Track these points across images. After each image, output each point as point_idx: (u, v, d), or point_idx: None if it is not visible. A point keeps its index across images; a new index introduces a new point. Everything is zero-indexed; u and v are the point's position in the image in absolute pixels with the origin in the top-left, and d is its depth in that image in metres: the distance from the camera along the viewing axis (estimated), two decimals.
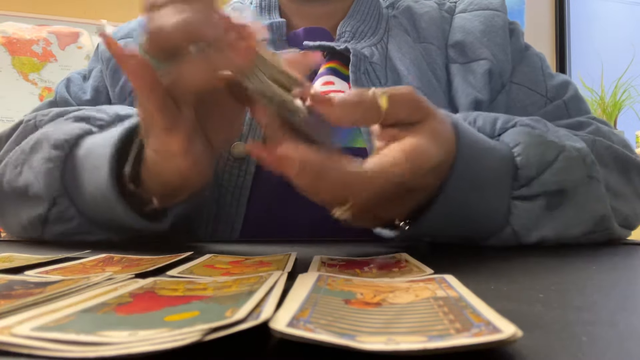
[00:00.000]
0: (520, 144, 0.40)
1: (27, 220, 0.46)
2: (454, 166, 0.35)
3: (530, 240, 0.40)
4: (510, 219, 0.39)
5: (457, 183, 0.35)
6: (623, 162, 0.48)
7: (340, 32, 0.61)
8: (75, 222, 0.44)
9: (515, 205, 0.39)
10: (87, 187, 0.42)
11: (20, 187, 0.46)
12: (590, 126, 0.53)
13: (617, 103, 2.24)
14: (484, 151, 0.38)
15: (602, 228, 0.43)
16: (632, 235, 0.50)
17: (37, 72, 1.92)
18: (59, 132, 0.45)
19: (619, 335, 0.16)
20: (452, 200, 0.36)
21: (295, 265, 0.29)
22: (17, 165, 0.47)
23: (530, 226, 0.40)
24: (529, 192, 0.39)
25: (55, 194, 0.43)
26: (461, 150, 0.35)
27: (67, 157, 0.43)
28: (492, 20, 0.61)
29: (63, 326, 0.15)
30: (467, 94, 0.57)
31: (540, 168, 0.40)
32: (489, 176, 0.38)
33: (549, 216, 0.40)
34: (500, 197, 0.39)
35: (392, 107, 0.32)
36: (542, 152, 0.40)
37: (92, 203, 0.42)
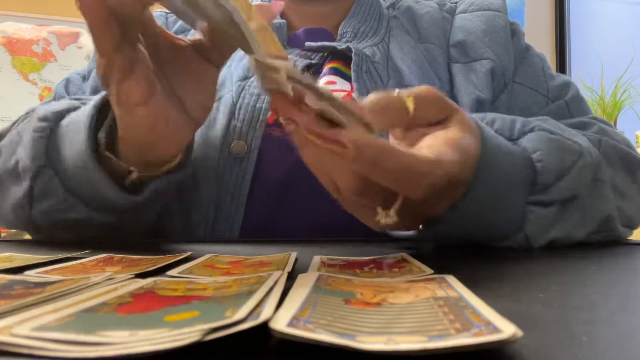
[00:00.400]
0: (540, 150, 0.39)
1: (15, 199, 0.46)
2: (478, 167, 0.34)
3: (541, 244, 0.40)
4: (525, 224, 0.39)
5: (482, 184, 0.34)
6: (629, 161, 0.48)
7: (342, 33, 0.61)
8: (59, 197, 0.44)
9: (530, 211, 0.39)
10: (68, 155, 0.42)
11: (12, 166, 0.46)
12: (594, 126, 0.53)
13: (617, 103, 2.24)
14: (506, 155, 0.37)
15: (606, 228, 0.43)
16: (632, 235, 0.50)
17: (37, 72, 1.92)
18: (48, 107, 0.46)
19: (619, 335, 0.16)
20: (476, 201, 0.35)
21: (295, 265, 0.29)
22: (12, 145, 0.47)
23: (542, 232, 0.39)
24: (545, 198, 0.39)
25: (40, 163, 0.43)
26: (485, 152, 0.34)
27: (52, 129, 0.44)
28: (494, 20, 0.61)
29: (63, 326, 0.15)
30: (470, 93, 0.57)
31: (559, 175, 0.39)
32: (509, 180, 0.37)
33: (561, 221, 0.40)
34: (518, 201, 0.39)
35: (420, 108, 0.31)
36: (561, 158, 0.40)
37: (72, 172, 0.43)
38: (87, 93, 0.62)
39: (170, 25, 0.65)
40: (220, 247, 0.43)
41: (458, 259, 0.35)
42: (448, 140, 0.30)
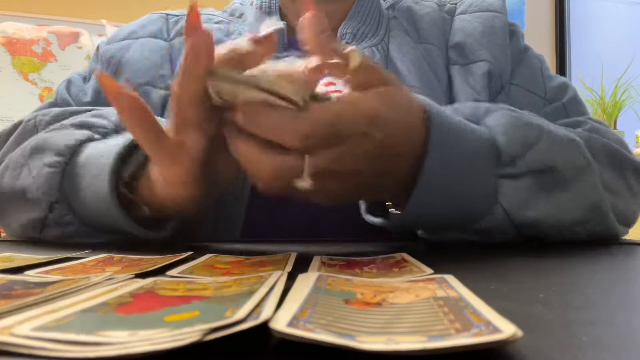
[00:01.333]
0: (501, 124, 0.41)
1: (26, 221, 0.46)
2: (428, 141, 0.36)
3: (524, 221, 0.40)
4: (499, 197, 0.40)
5: (434, 158, 0.36)
6: (618, 159, 0.48)
7: (342, 34, 0.61)
8: (74, 227, 0.44)
9: (502, 184, 0.40)
10: (86, 195, 0.42)
11: (18, 190, 0.46)
12: (587, 125, 0.53)
13: (617, 103, 2.24)
14: (459, 130, 0.39)
15: (596, 216, 0.43)
16: (632, 235, 0.50)
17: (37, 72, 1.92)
18: (60, 138, 0.45)
19: (619, 335, 0.16)
20: (433, 178, 0.36)
21: (295, 265, 0.29)
22: (16, 167, 0.47)
23: (521, 205, 0.40)
24: (514, 170, 0.40)
25: (53, 200, 0.43)
26: (434, 127, 0.36)
27: (67, 163, 0.43)
28: (492, 21, 0.61)
29: (63, 326, 0.15)
30: (467, 96, 0.57)
31: (524, 147, 0.40)
32: (468, 154, 0.38)
33: (543, 198, 0.41)
34: (485, 177, 0.39)
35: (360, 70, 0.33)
36: (523, 132, 0.41)
37: (91, 211, 0.43)
38: (88, 94, 0.61)
39: (170, 26, 0.65)
40: (220, 247, 0.43)
41: (458, 259, 0.35)
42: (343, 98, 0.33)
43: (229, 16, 0.68)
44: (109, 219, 0.41)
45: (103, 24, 2.23)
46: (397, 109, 0.34)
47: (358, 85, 0.34)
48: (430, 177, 0.36)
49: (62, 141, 0.44)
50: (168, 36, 0.64)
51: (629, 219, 0.49)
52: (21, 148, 0.48)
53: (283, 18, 0.64)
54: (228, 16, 0.68)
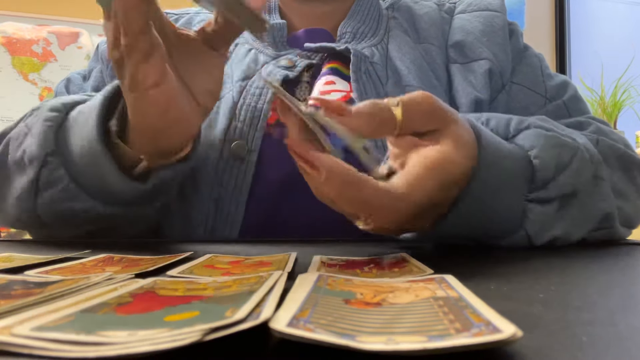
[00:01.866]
0: (536, 146, 0.40)
1: (20, 189, 0.46)
2: (476, 171, 0.34)
3: (542, 242, 0.40)
4: (525, 222, 0.39)
5: (479, 188, 0.35)
6: (626, 160, 0.48)
7: (341, 33, 0.61)
8: (64, 184, 0.44)
9: (530, 209, 0.39)
10: (76, 143, 0.43)
11: (19, 157, 0.46)
12: (591, 126, 0.53)
13: (617, 103, 2.24)
14: (503, 155, 0.37)
15: (605, 225, 0.43)
16: (632, 235, 0.50)
17: (37, 72, 1.92)
18: (59, 99, 0.47)
19: (619, 335, 0.16)
20: (473, 204, 0.35)
21: (295, 265, 0.29)
22: (19, 136, 0.48)
23: (543, 230, 0.39)
24: (545, 195, 0.39)
25: (48, 151, 0.44)
26: (483, 156, 0.35)
27: (63, 118, 0.45)
28: (492, 20, 0.61)
29: (63, 326, 0.15)
30: (468, 94, 0.57)
31: (557, 171, 0.39)
32: (507, 180, 0.37)
33: (561, 218, 0.40)
34: (517, 200, 0.39)
35: (408, 118, 0.31)
36: (558, 154, 0.40)
37: (80, 159, 0.43)
38: (87, 93, 0.62)
39: None
40: (220, 247, 0.43)
41: (458, 259, 0.35)
42: (429, 163, 0.31)
43: None
44: (95, 168, 0.42)
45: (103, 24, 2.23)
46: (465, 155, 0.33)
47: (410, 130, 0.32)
48: (468, 201, 0.35)
49: (60, 100, 0.47)
50: None
51: (635, 222, 0.49)
52: (26, 121, 0.49)
53: (283, 17, 0.64)
54: None
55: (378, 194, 0.29)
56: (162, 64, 0.37)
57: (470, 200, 0.34)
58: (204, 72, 0.41)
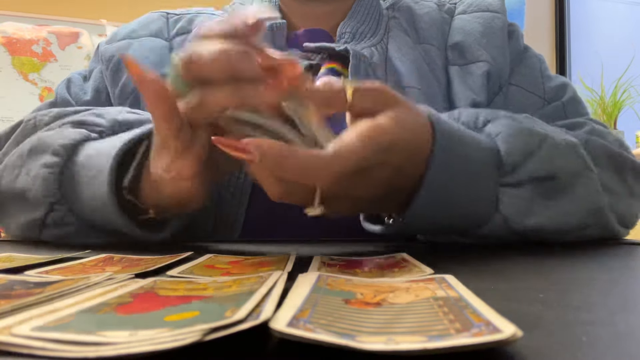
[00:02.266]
0: (501, 133, 0.41)
1: (25, 222, 0.46)
2: (432, 155, 0.36)
3: (524, 228, 0.40)
4: (499, 206, 0.40)
5: (438, 171, 0.36)
6: (617, 160, 0.48)
7: (341, 33, 0.61)
8: (74, 227, 0.44)
9: (503, 192, 0.40)
10: (85, 196, 0.42)
11: (18, 191, 0.46)
12: (585, 126, 0.53)
13: (617, 103, 2.24)
14: (464, 141, 0.38)
15: (597, 221, 0.44)
16: (632, 235, 0.50)
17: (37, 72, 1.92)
18: (57, 138, 0.45)
19: (619, 335, 0.16)
20: (435, 189, 0.36)
21: (295, 265, 0.29)
22: (14, 168, 0.47)
23: (521, 213, 0.40)
24: (515, 179, 0.40)
25: (53, 200, 0.43)
26: (438, 140, 0.36)
27: (65, 163, 0.43)
28: (492, 22, 0.61)
29: (63, 326, 0.15)
30: (466, 97, 0.57)
31: (525, 155, 0.40)
32: (471, 164, 0.38)
33: (543, 205, 0.41)
34: (486, 186, 0.40)
35: (358, 98, 0.33)
36: (524, 140, 0.41)
37: (90, 212, 0.42)
38: (88, 93, 0.61)
39: (171, 26, 0.65)
40: (220, 247, 0.43)
41: (458, 259, 0.35)
42: (359, 129, 0.32)
43: None
44: (107, 220, 0.41)
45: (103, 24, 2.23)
46: (410, 131, 0.34)
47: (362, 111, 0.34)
48: (432, 185, 0.36)
49: (58, 141, 0.44)
50: (168, 35, 0.64)
51: (629, 221, 0.49)
52: (19, 149, 0.48)
53: (283, 17, 0.64)
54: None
55: (311, 157, 0.30)
56: (197, 162, 0.35)
57: (430, 184, 0.36)
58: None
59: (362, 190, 0.34)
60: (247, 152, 0.30)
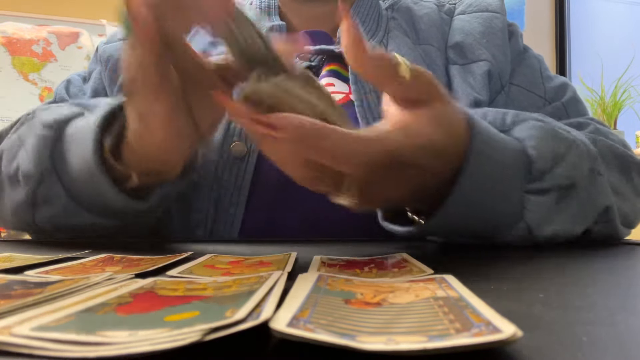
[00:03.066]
0: (532, 137, 0.40)
1: (17, 203, 0.46)
2: (467, 158, 0.35)
3: (543, 235, 0.40)
4: (524, 213, 0.39)
5: (471, 176, 0.35)
6: (623, 160, 0.48)
7: (340, 35, 0.61)
8: (62, 203, 0.44)
9: (528, 200, 0.39)
10: (73, 162, 0.42)
11: (13, 171, 0.46)
12: (589, 126, 0.53)
13: (617, 103, 2.24)
14: (498, 145, 0.38)
15: (604, 220, 0.44)
16: (633, 236, 0.50)
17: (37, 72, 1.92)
18: (51, 113, 0.46)
19: (619, 335, 0.16)
20: (467, 193, 0.35)
21: (295, 265, 0.29)
22: (12, 148, 0.47)
23: (542, 221, 0.39)
24: (541, 185, 0.39)
25: (43, 169, 0.43)
26: (475, 143, 0.35)
27: (57, 136, 0.44)
28: (491, 22, 0.61)
29: (63, 326, 0.15)
30: (467, 95, 0.57)
31: (554, 162, 0.39)
32: (503, 170, 0.38)
33: (560, 211, 0.40)
34: (514, 191, 0.39)
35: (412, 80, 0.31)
36: (554, 145, 0.40)
37: (77, 178, 0.43)
38: (87, 94, 0.62)
39: None
40: (220, 247, 0.43)
41: (458, 259, 0.35)
42: (399, 122, 0.31)
43: None
44: (93, 189, 0.41)
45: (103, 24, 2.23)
46: (447, 132, 0.33)
47: (407, 98, 0.32)
48: (464, 190, 0.35)
49: (52, 115, 0.45)
50: None
51: (633, 221, 0.49)
52: (18, 133, 0.48)
53: (282, 18, 0.64)
54: None
55: (351, 138, 0.29)
56: (172, 99, 0.35)
57: (462, 188, 0.35)
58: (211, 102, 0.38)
59: (390, 187, 0.33)
60: (278, 130, 0.27)
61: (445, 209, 0.35)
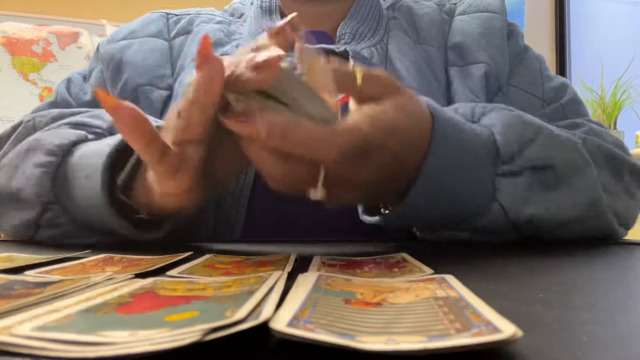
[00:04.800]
0: (497, 123, 0.41)
1: (19, 222, 0.46)
2: (430, 143, 0.36)
3: (521, 218, 0.40)
4: (497, 195, 0.40)
5: (435, 160, 0.36)
6: (614, 160, 0.48)
7: (341, 34, 0.61)
8: (67, 227, 0.44)
9: (500, 181, 0.40)
10: (79, 196, 0.42)
11: (13, 191, 0.46)
12: (584, 127, 0.53)
13: (617, 103, 2.24)
14: (462, 130, 0.39)
15: (594, 214, 0.43)
16: (632, 235, 0.50)
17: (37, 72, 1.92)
18: (53, 138, 0.45)
19: (619, 335, 0.16)
20: (433, 178, 0.36)
21: (295, 265, 0.29)
22: (11, 168, 0.47)
23: (519, 202, 0.40)
24: (511, 168, 0.40)
25: (46, 200, 0.43)
26: (437, 126, 0.36)
27: (59, 164, 0.43)
28: (490, 22, 0.61)
29: (63, 326, 0.15)
30: (465, 97, 0.57)
31: (521, 145, 0.40)
32: (469, 154, 0.39)
33: (541, 195, 0.41)
34: (484, 175, 0.40)
35: (367, 82, 0.34)
36: (520, 130, 0.41)
37: (84, 211, 0.42)
38: (88, 93, 0.61)
39: (171, 26, 0.65)
40: (220, 247, 0.43)
41: (458, 259, 0.35)
42: (364, 113, 0.33)
43: (229, 16, 0.68)
44: (101, 220, 0.41)
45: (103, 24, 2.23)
46: (410, 117, 0.35)
47: (367, 97, 0.34)
48: (430, 173, 0.36)
49: (54, 141, 0.44)
50: (168, 36, 0.64)
51: (627, 221, 0.49)
52: (17, 149, 0.47)
53: (283, 17, 0.64)
54: (228, 16, 0.68)
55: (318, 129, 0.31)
56: (189, 179, 0.33)
57: (427, 172, 0.36)
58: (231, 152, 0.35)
59: (362, 175, 0.34)
60: (252, 126, 0.29)
61: (413, 193, 0.36)
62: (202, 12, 0.67)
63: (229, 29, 0.64)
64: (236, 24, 0.66)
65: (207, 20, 0.65)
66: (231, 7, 0.70)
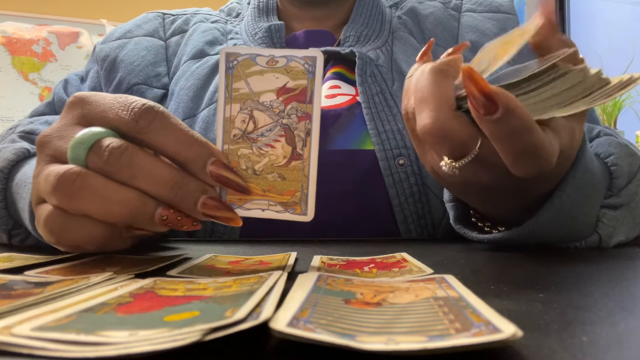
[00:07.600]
0: (613, 154, 0.41)
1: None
2: (574, 169, 0.35)
3: (611, 244, 0.41)
4: (599, 226, 0.40)
5: (573, 187, 0.35)
6: None
7: (345, 37, 0.61)
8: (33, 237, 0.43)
9: (604, 214, 0.40)
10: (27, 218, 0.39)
11: None
12: (595, 130, 0.53)
13: (617, 103, 2.24)
14: (593, 158, 0.38)
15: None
16: None
17: (37, 72, 1.92)
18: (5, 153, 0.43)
19: (619, 335, 0.16)
20: (564, 204, 0.36)
21: (295, 265, 0.29)
22: None
23: (612, 234, 0.40)
24: (616, 201, 0.40)
25: (9, 228, 0.43)
26: (580, 157, 0.35)
27: (5, 188, 0.42)
28: (506, 24, 0.61)
29: (63, 326, 0.15)
30: None
31: (629, 178, 0.40)
32: (592, 182, 0.38)
33: (630, 223, 0.41)
34: (596, 205, 0.40)
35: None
36: (630, 162, 0.41)
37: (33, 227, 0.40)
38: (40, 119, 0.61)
39: (166, 26, 0.65)
40: (220, 247, 0.43)
41: (458, 259, 0.35)
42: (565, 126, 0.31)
43: (226, 16, 0.68)
44: None
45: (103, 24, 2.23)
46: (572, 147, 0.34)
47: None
48: (560, 203, 0.35)
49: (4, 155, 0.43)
50: (164, 35, 0.64)
51: None
52: None
53: (280, 17, 0.64)
54: (225, 16, 0.68)
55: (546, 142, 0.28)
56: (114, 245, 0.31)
57: (562, 199, 0.35)
58: None
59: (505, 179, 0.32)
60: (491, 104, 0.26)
61: (539, 217, 0.35)
62: (199, 12, 0.68)
63: (225, 28, 0.64)
64: (232, 23, 0.66)
65: (203, 19, 0.66)
66: (227, 7, 0.70)
